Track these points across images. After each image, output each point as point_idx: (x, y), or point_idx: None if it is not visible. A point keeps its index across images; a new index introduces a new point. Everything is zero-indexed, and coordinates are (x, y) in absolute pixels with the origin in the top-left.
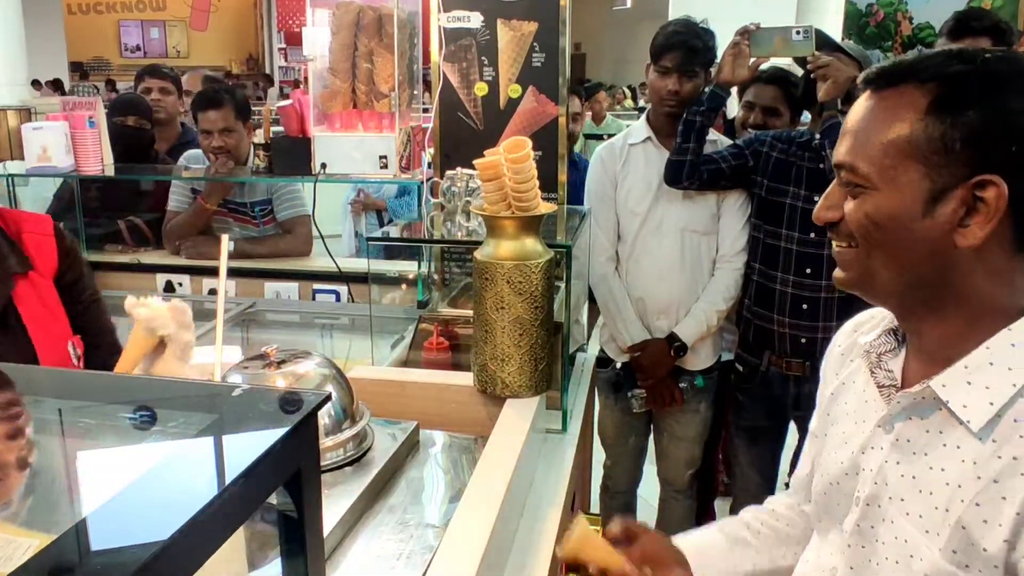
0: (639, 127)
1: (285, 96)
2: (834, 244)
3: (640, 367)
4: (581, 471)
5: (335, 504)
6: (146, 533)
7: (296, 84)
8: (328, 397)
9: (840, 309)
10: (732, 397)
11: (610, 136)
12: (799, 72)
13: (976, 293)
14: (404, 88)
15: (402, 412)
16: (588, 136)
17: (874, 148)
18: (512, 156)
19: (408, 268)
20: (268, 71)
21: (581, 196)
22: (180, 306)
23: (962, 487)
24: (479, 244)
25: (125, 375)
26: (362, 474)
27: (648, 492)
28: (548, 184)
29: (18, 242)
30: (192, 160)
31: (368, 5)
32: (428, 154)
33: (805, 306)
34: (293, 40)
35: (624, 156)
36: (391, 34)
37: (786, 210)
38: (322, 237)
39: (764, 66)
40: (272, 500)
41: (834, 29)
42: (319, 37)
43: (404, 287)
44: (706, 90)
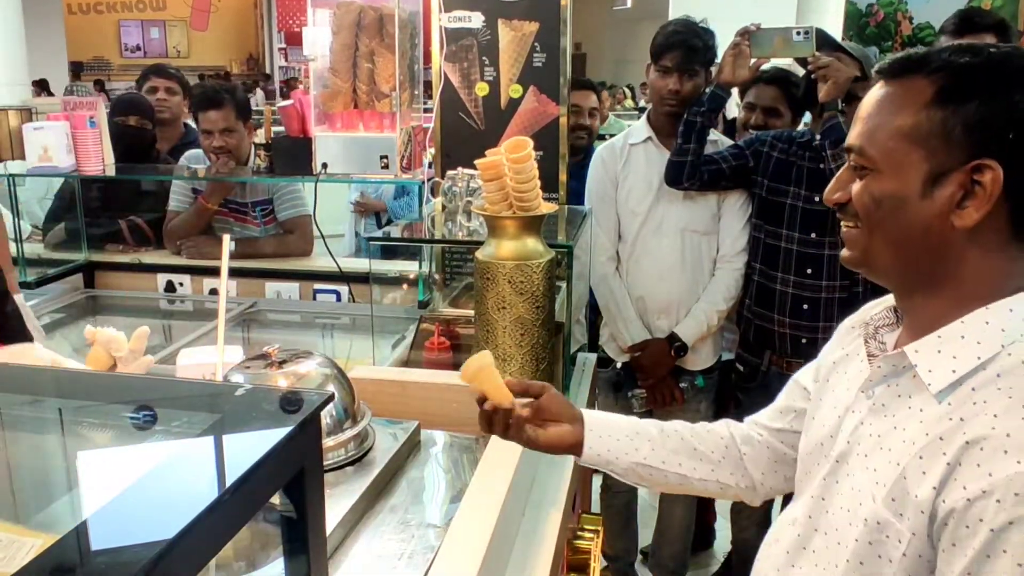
0: (640, 127)
1: (285, 97)
2: (842, 224)
3: (640, 367)
4: (582, 471)
5: (336, 504)
6: (150, 533)
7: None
8: (331, 397)
9: (840, 309)
10: (733, 397)
11: (612, 136)
12: (800, 72)
13: (968, 274)
14: (405, 88)
15: (403, 412)
16: None
17: (882, 133)
18: (514, 156)
19: (409, 268)
20: (268, 71)
21: None
22: (141, 331)
23: (914, 443)
24: (480, 244)
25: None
26: (363, 474)
27: (649, 492)
28: (549, 184)
29: None
30: (193, 160)
31: (369, 5)
32: (429, 154)
33: (806, 306)
34: (293, 40)
35: (625, 156)
36: (392, 34)
37: (786, 210)
38: (323, 237)
39: (765, 66)
40: (274, 500)
41: (834, 29)
42: (319, 37)
43: (405, 287)
44: (707, 91)
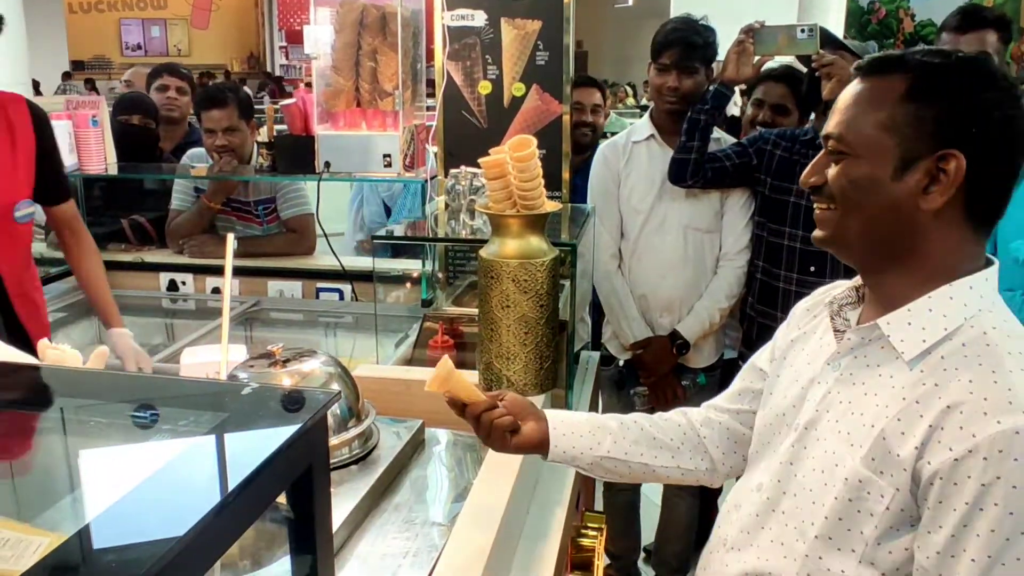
0: (642, 125)
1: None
2: (815, 207)
3: (643, 364)
4: None
5: (341, 502)
6: (159, 531)
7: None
8: (338, 395)
9: None
10: None
11: (614, 134)
12: (803, 70)
13: (932, 253)
14: (408, 86)
15: (407, 410)
16: None
17: (859, 122)
18: (517, 155)
19: (412, 267)
20: (269, 69)
21: None
22: (99, 351)
23: (889, 407)
24: (484, 243)
25: (133, 374)
26: (368, 472)
27: (652, 490)
28: (552, 182)
29: None
30: (195, 159)
31: (372, 3)
32: (432, 151)
33: None
34: (294, 38)
35: (627, 153)
36: (395, 32)
37: (790, 208)
38: (326, 236)
39: (773, 64)
40: (281, 499)
41: (836, 26)
42: (321, 35)
43: (408, 285)
44: (710, 88)
